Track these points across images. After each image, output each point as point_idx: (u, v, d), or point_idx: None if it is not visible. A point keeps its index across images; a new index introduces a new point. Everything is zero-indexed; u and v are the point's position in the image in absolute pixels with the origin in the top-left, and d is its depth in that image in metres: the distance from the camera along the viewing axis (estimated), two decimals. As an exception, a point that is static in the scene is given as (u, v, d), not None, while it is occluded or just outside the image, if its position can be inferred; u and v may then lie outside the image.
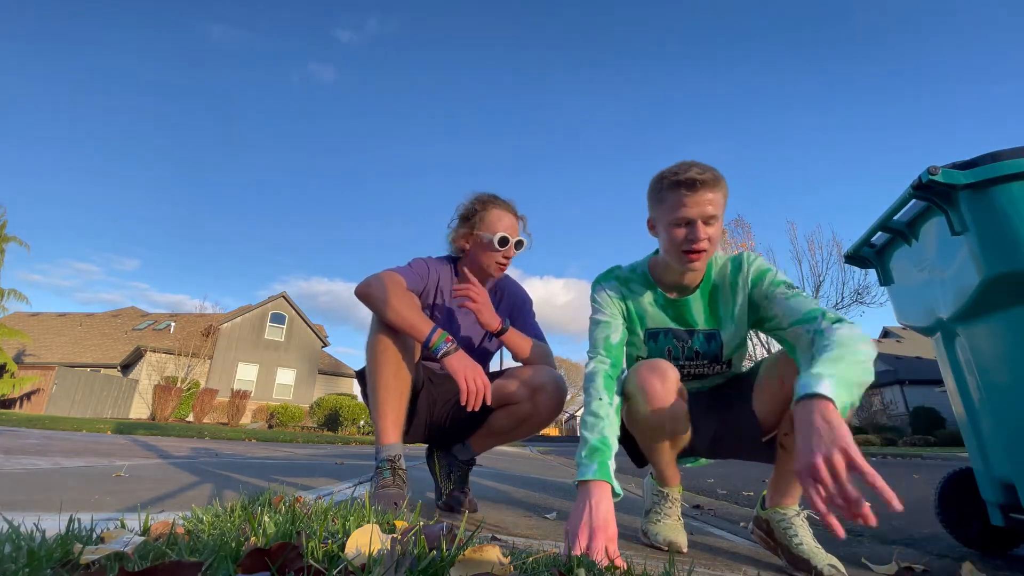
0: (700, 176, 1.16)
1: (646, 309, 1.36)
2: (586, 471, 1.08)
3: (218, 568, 0.55)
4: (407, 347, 1.48)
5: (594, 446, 1.12)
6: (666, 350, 1.36)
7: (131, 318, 25.89)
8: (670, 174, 1.20)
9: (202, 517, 0.87)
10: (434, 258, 1.72)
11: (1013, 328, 1.21)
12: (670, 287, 1.35)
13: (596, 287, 1.41)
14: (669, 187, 1.20)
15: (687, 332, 1.36)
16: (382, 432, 1.46)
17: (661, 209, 1.23)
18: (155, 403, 15.67)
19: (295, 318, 24.07)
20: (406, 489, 1.43)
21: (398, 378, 1.47)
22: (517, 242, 1.66)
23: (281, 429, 16.60)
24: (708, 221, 1.18)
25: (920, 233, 1.47)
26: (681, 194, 1.17)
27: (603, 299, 1.37)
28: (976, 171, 1.20)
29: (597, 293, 1.39)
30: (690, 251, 1.19)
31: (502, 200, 1.70)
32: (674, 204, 1.19)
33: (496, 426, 1.63)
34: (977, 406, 1.37)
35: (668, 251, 1.25)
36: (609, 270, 1.43)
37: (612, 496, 1.06)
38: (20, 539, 0.60)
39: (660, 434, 1.28)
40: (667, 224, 1.22)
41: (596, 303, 1.38)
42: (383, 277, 1.50)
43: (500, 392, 1.59)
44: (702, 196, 1.17)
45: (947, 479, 1.61)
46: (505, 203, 1.70)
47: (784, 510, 1.24)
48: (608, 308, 1.35)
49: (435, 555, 0.59)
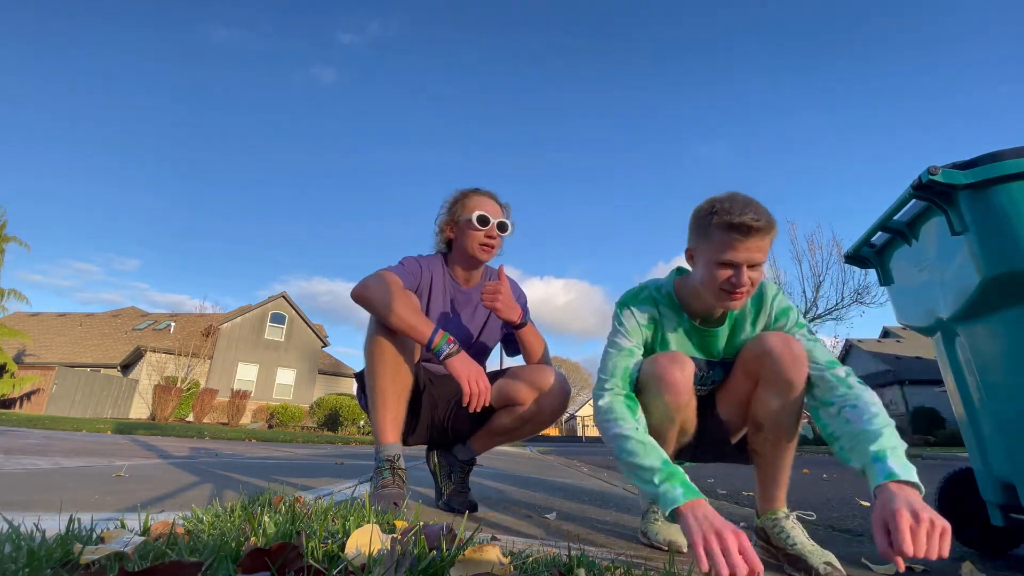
0: (755, 224, 1.09)
1: (671, 335, 1.33)
2: (676, 495, 0.96)
3: (218, 568, 0.55)
4: (406, 348, 1.48)
5: (665, 471, 1.01)
6: None
7: (131, 318, 25.89)
8: (723, 212, 1.12)
9: (202, 517, 0.87)
10: (425, 256, 1.73)
11: (1013, 328, 1.21)
12: (696, 314, 1.32)
13: (625, 308, 1.34)
14: (720, 227, 1.12)
15: (707, 363, 1.35)
16: (381, 432, 1.46)
17: (706, 245, 1.17)
18: (155, 403, 15.67)
19: (295, 318, 24.07)
20: (406, 489, 1.43)
21: (396, 380, 1.46)
22: (500, 223, 1.65)
23: (281, 429, 16.61)
24: (753, 267, 1.14)
25: (920, 233, 1.47)
26: (732, 238, 1.11)
27: (631, 325, 1.31)
28: (976, 171, 1.20)
29: (626, 316, 1.33)
30: (732, 292, 1.16)
31: (484, 189, 1.72)
32: (722, 245, 1.13)
33: (499, 426, 1.63)
34: (977, 406, 1.37)
35: (707, 287, 1.20)
36: (642, 287, 1.39)
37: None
38: (20, 539, 0.60)
39: (671, 426, 1.27)
40: (710, 262, 1.16)
41: (623, 327, 1.32)
42: (380, 277, 1.49)
43: (503, 392, 1.58)
44: (753, 243, 1.11)
45: (947, 479, 1.61)
46: (486, 191, 1.72)
47: (774, 514, 1.25)
48: (635, 336, 1.30)
49: (435, 555, 0.59)
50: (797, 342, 1.19)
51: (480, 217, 1.60)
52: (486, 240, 1.62)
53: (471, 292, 1.72)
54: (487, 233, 1.62)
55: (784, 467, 1.27)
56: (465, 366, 1.41)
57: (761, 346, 1.21)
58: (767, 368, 1.19)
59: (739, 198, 1.15)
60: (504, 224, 1.66)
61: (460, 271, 1.71)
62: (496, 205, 1.69)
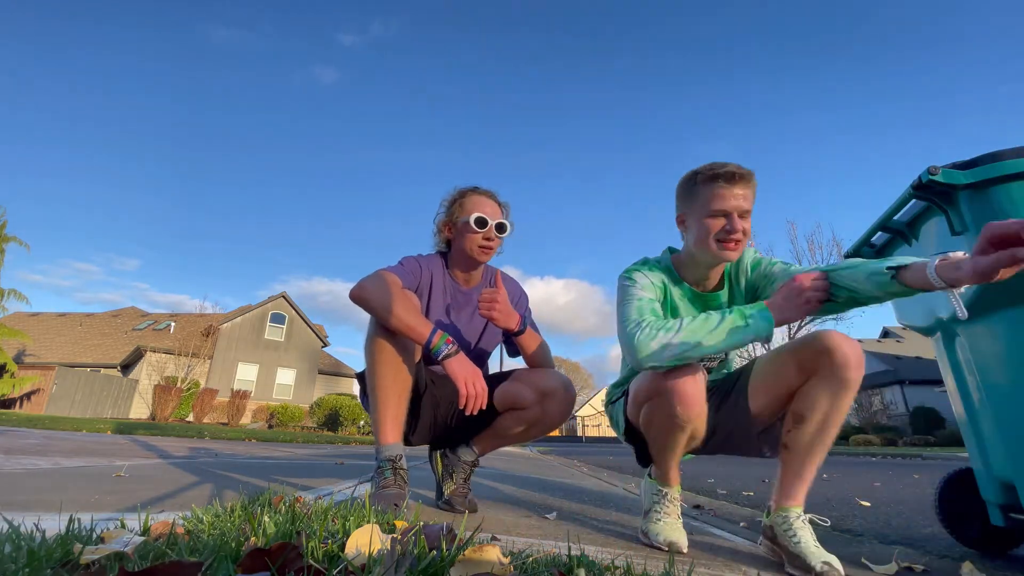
0: (738, 171, 1.21)
1: (678, 302, 1.38)
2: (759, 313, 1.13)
3: (218, 568, 0.55)
4: (406, 348, 1.47)
5: (736, 311, 1.14)
6: None
7: (131, 318, 25.88)
8: (707, 169, 1.24)
9: (202, 517, 0.87)
10: (424, 255, 1.72)
11: (1013, 328, 1.21)
12: (694, 283, 1.39)
13: (635, 271, 1.37)
14: (705, 181, 1.24)
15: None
16: (382, 432, 1.46)
17: (695, 203, 1.27)
18: (155, 403, 15.66)
19: (295, 318, 24.06)
20: (407, 489, 1.43)
21: (397, 380, 1.46)
22: (499, 224, 1.62)
23: (281, 429, 16.60)
24: (743, 215, 1.23)
25: (920, 233, 1.47)
26: (719, 186, 1.22)
27: (645, 282, 1.33)
28: (976, 171, 1.20)
29: (637, 276, 1.35)
30: (727, 240, 1.23)
31: (483, 188, 1.71)
32: (711, 196, 1.23)
33: (503, 428, 1.63)
34: (977, 406, 1.37)
35: (702, 242, 1.27)
36: (643, 260, 1.44)
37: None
38: (20, 539, 0.60)
39: (681, 435, 1.26)
40: (702, 216, 1.25)
41: (637, 284, 1.32)
42: (378, 278, 1.48)
43: (508, 395, 1.58)
44: (739, 190, 1.21)
45: (947, 479, 1.61)
46: (485, 190, 1.70)
47: (786, 512, 1.23)
48: (649, 290, 1.32)
49: (435, 555, 0.59)
50: (857, 343, 1.20)
51: (478, 219, 1.59)
52: (484, 242, 1.61)
53: (471, 292, 1.71)
54: (485, 235, 1.60)
55: (814, 464, 1.25)
56: (463, 367, 1.40)
57: (824, 343, 1.18)
58: (828, 365, 1.17)
59: (716, 162, 1.26)
60: (503, 225, 1.64)
61: (459, 271, 1.70)
62: (495, 205, 1.67)
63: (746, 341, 1.13)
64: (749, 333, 1.12)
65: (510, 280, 1.84)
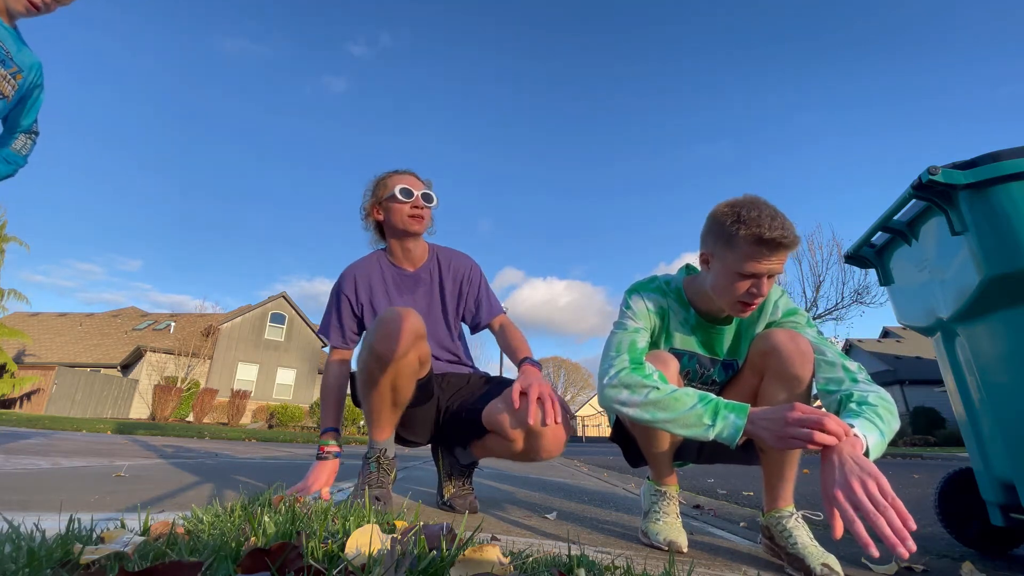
0: (784, 241, 1.09)
1: (677, 329, 1.35)
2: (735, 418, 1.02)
3: (218, 568, 0.55)
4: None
5: (712, 403, 1.05)
6: (685, 372, 1.37)
7: (131, 318, 25.88)
8: (751, 223, 1.10)
9: (202, 517, 0.87)
10: (358, 261, 1.75)
11: (1013, 328, 1.21)
12: (703, 313, 1.34)
13: (635, 295, 1.36)
14: (748, 239, 1.11)
15: (710, 360, 1.36)
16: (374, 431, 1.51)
17: (727, 253, 1.16)
18: (155, 403, 15.68)
19: (295, 318, 24.07)
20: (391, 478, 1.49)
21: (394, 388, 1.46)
22: (424, 195, 1.67)
23: (281, 429, 16.61)
24: (772, 276, 1.16)
25: (920, 233, 1.47)
26: (760, 252, 1.11)
27: (640, 310, 1.33)
28: (976, 171, 1.20)
29: (634, 301, 1.34)
30: (749, 303, 1.18)
31: (402, 169, 1.75)
32: (747, 256, 1.12)
33: (493, 446, 1.56)
34: (977, 406, 1.37)
35: (722, 295, 1.21)
36: (651, 279, 1.41)
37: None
38: (20, 539, 0.60)
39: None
40: (731, 272, 1.16)
41: (631, 311, 1.33)
42: (326, 369, 1.71)
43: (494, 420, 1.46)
44: (778, 257, 1.12)
45: (947, 479, 1.61)
46: (405, 169, 1.75)
47: (779, 513, 1.24)
48: (643, 320, 1.31)
49: (435, 555, 0.59)
50: (803, 338, 1.20)
51: (403, 190, 1.64)
52: (413, 210, 1.65)
53: (418, 273, 1.73)
54: (413, 204, 1.65)
55: (791, 465, 1.26)
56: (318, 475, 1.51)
57: (768, 342, 1.22)
58: (773, 363, 1.20)
59: (765, 209, 1.13)
60: (429, 195, 1.69)
61: (399, 253, 1.72)
62: (417, 180, 1.72)
63: (707, 438, 1.04)
64: (710, 434, 1.03)
65: (458, 255, 1.82)
